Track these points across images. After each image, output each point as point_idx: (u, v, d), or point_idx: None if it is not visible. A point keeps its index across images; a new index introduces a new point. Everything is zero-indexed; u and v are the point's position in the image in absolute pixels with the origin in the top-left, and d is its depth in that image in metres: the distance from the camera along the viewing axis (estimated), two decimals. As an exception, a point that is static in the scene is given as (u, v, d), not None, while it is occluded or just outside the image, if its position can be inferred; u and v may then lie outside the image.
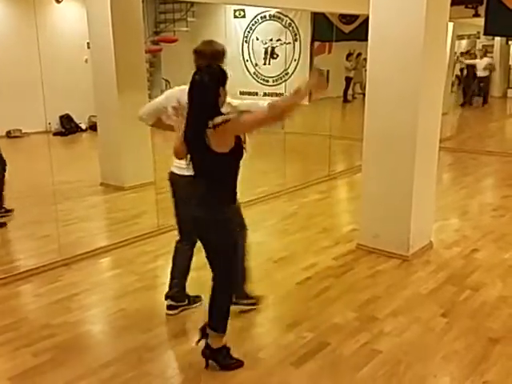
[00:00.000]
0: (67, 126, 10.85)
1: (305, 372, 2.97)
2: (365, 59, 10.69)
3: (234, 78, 3.06)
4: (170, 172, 3.40)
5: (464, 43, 16.77)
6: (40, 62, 5.03)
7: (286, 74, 11.31)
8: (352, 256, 4.60)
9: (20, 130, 10.12)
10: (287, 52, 10.92)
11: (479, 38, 16.34)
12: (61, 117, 10.76)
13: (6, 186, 5.59)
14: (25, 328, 3.45)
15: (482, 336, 3.31)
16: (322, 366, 3.01)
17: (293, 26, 11.17)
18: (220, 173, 2.76)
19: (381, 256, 4.54)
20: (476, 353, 3.13)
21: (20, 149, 9.59)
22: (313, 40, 11.63)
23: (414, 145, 4.27)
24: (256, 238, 4.97)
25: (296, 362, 3.05)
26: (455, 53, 14.10)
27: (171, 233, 5.13)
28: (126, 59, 6.41)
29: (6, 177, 5.45)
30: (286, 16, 11.02)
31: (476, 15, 9.49)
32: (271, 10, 10.87)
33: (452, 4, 4.50)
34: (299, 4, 7.69)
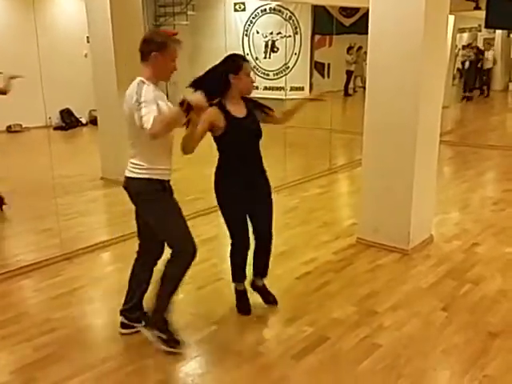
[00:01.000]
0: (67, 121, 10.84)
1: (305, 366, 2.98)
2: (365, 52, 10.65)
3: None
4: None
5: (465, 36, 16.70)
6: (39, 57, 5.03)
7: (287, 68, 11.29)
8: (352, 250, 4.60)
9: (20, 125, 10.11)
10: (287, 45, 10.91)
11: (480, 31, 16.28)
12: (61, 111, 10.75)
13: (7, 181, 5.59)
14: (25, 322, 3.46)
15: (482, 330, 3.32)
16: (322, 360, 3.02)
17: (293, 20, 11.14)
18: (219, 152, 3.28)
19: (381, 250, 4.54)
20: (476, 347, 3.14)
21: (20, 143, 9.60)
22: (313, 33, 11.61)
23: (415, 138, 4.27)
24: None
25: (296, 356, 3.06)
26: (456, 46, 14.05)
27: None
28: (126, 53, 6.38)
29: None
30: (287, 9, 11.00)
31: (477, 8, 9.44)
32: (271, 3, 10.85)
33: (453, -3, 4.49)
34: (299, -3, 7.67)
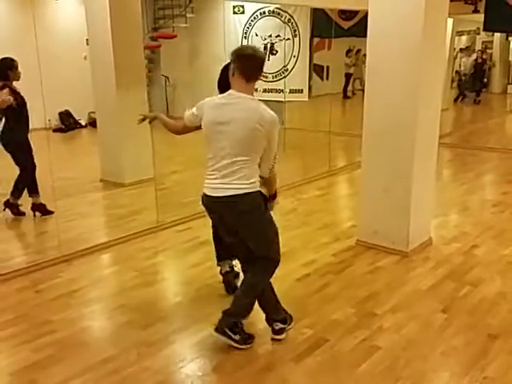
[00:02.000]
0: (67, 123, 10.83)
1: (304, 368, 2.98)
2: (364, 55, 10.65)
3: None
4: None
5: (464, 39, 16.72)
6: (39, 59, 5.02)
7: (286, 70, 11.29)
8: (351, 252, 4.60)
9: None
10: (286, 48, 10.90)
11: (479, 34, 16.29)
12: (60, 113, 10.73)
13: (6, 183, 5.59)
14: (25, 324, 3.45)
15: (482, 332, 3.32)
16: (321, 362, 3.02)
17: (292, 22, 11.14)
18: None
19: (380, 252, 4.54)
20: (475, 349, 3.14)
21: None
22: (312, 36, 11.61)
23: (414, 140, 4.27)
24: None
25: (295, 358, 3.06)
26: (454, 48, 14.07)
27: (171, 229, 5.15)
28: (125, 55, 6.40)
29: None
30: (286, 12, 10.99)
31: (475, 11, 9.46)
32: (270, 6, 10.85)
33: (451, 0, 4.49)
34: (298, 0, 7.68)
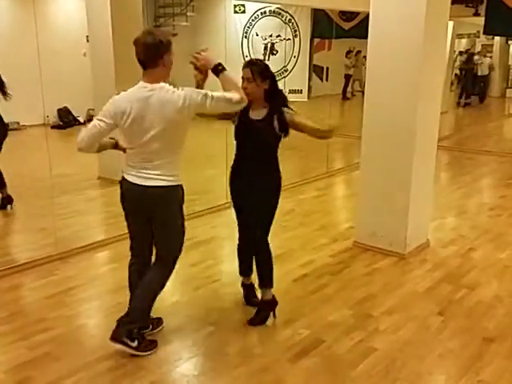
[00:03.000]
0: (65, 119, 10.80)
1: (300, 368, 2.97)
2: (364, 57, 10.67)
3: (233, 74, 3.16)
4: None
5: (464, 42, 16.76)
6: (39, 55, 5.01)
7: (286, 71, 11.30)
8: (349, 253, 4.60)
9: (18, 123, 10.07)
10: (287, 48, 10.92)
11: (479, 38, 16.34)
12: (59, 110, 10.71)
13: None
14: (20, 321, 3.44)
15: (478, 335, 3.32)
16: (318, 363, 3.02)
17: (293, 23, 11.15)
18: None
19: (377, 254, 4.54)
20: (471, 351, 3.14)
21: (18, 142, 9.53)
22: (312, 37, 11.62)
23: (413, 143, 4.27)
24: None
25: (292, 359, 3.05)
26: (454, 51, 14.09)
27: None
28: (125, 53, 6.34)
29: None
30: (286, 12, 11.01)
31: (476, 14, 9.48)
32: (271, 6, 10.85)
33: (452, 2, 4.51)
34: (299, 0, 7.68)
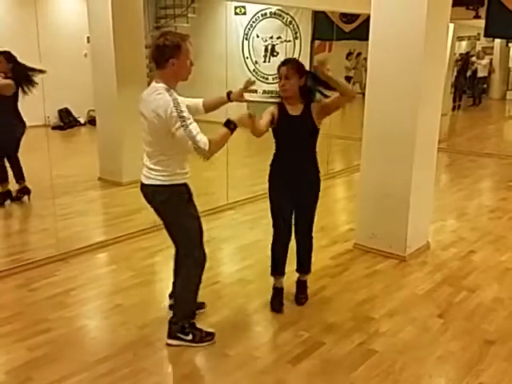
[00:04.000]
0: (66, 120, 10.81)
1: (300, 371, 2.97)
2: (365, 59, 10.68)
3: (234, 75, 3.18)
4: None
5: (464, 44, 16.76)
6: (40, 56, 5.01)
7: (286, 72, 11.30)
8: (349, 256, 4.60)
9: (18, 123, 10.07)
10: (287, 50, 10.91)
11: (479, 40, 16.34)
12: (59, 111, 10.71)
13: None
14: (21, 322, 3.44)
15: (478, 337, 3.32)
16: (318, 365, 3.02)
17: (293, 24, 11.15)
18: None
19: (378, 256, 4.54)
20: (471, 354, 3.14)
21: (18, 142, 9.55)
22: (313, 38, 11.61)
23: (413, 145, 4.28)
24: (253, 237, 4.98)
25: (292, 361, 3.05)
26: (455, 54, 14.09)
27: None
28: (126, 54, 6.39)
29: None
30: (287, 14, 11.00)
31: (477, 17, 9.47)
32: (272, 8, 10.86)
33: (453, 5, 4.50)
34: (300, 2, 7.68)
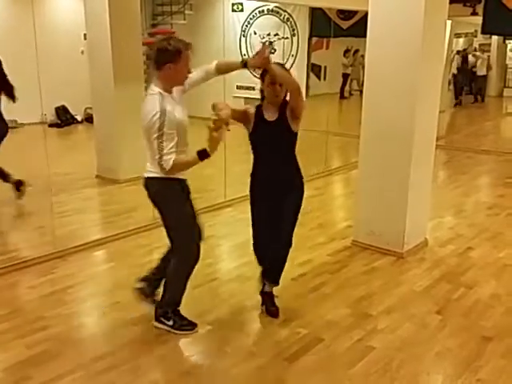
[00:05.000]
0: (63, 118, 10.78)
1: (298, 368, 2.98)
2: (362, 56, 10.66)
3: (231, 73, 3.20)
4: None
5: (461, 41, 16.76)
6: (36, 53, 5.00)
7: (284, 69, 11.29)
8: (347, 252, 4.61)
9: (16, 121, 10.05)
10: (285, 47, 10.90)
11: (476, 37, 16.34)
12: (56, 108, 10.68)
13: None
14: (18, 320, 3.44)
15: (476, 334, 3.33)
16: (316, 362, 3.02)
17: (291, 21, 11.14)
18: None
19: (376, 253, 4.55)
20: (469, 350, 3.15)
21: (15, 140, 9.49)
22: (310, 35, 11.60)
23: (411, 142, 4.28)
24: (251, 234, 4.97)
25: (290, 358, 3.05)
26: (452, 51, 14.10)
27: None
28: (123, 51, 6.37)
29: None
30: (284, 11, 10.99)
31: (474, 13, 9.48)
32: (269, 5, 10.83)
33: (450, 2, 4.50)
34: (298, -1, 7.68)
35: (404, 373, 2.94)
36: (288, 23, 11.17)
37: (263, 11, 11.19)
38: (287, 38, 11.28)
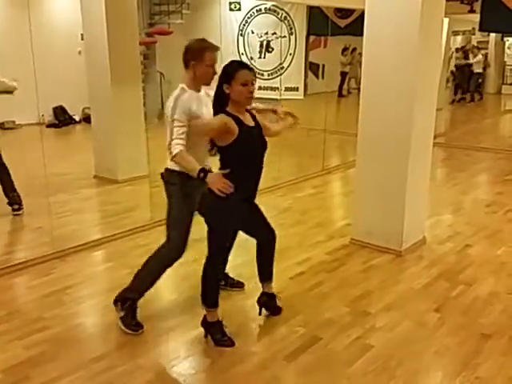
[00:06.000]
0: (61, 118, 10.78)
1: (297, 366, 2.97)
2: (360, 54, 10.65)
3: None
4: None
5: (459, 39, 16.76)
6: (33, 53, 4.99)
7: (282, 68, 11.27)
8: (345, 251, 4.60)
9: (13, 122, 10.05)
10: (282, 46, 10.89)
11: (474, 35, 16.33)
12: (54, 108, 10.68)
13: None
14: (17, 321, 3.43)
15: (474, 331, 3.33)
16: (314, 361, 3.02)
17: (288, 20, 11.13)
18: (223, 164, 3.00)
19: (374, 251, 4.54)
20: (468, 348, 3.15)
21: (13, 140, 9.51)
22: (308, 34, 11.60)
23: (409, 140, 4.27)
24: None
25: (288, 357, 3.05)
26: (450, 48, 14.09)
27: (164, 226, 5.12)
28: (120, 51, 6.37)
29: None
30: (282, 9, 10.98)
31: (471, 11, 9.48)
32: (267, 3, 10.83)
33: (447, -1, 4.50)
34: (295, -3, 7.67)
35: (402, 371, 2.94)
36: (285, 22, 11.17)
37: (261, 10, 11.18)
38: (285, 37, 11.27)
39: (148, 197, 5.43)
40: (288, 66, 11.39)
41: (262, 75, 11.25)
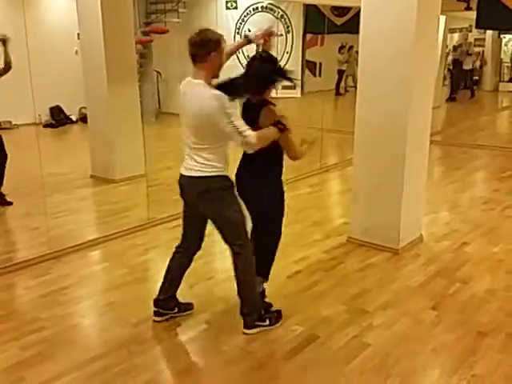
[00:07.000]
0: (57, 118, 10.74)
1: (294, 365, 2.98)
2: (357, 52, 10.67)
3: (226, 70, 3.19)
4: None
5: (456, 36, 16.76)
6: (29, 53, 4.97)
7: (278, 67, 11.29)
8: (342, 249, 4.60)
9: (10, 122, 10.01)
10: (279, 44, 10.90)
11: (471, 32, 16.35)
12: (51, 108, 10.64)
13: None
14: (13, 321, 3.43)
15: (471, 329, 3.33)
16: (312, 359, 3.02)
17: (285, 18, 11.15)
18: None
19: (371, 249, 4.54)
20: (465, 346, 3.15)
21: (10, 140, 9.42)
22: (305, 32, 11.62)
23: (405, 138, 4.27)
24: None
25: (286, 355, 3.05)
26: (447, 46, 14.09)
27: (162, 226, 5.13)
28: (116, 50, 6.35)
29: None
30: (279, 8, 11.00)
31: (468, 8, 9.49)
32: (263, 2, 10.84)
33: (444, -4, 4.50)
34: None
35: (400, 369, 2.94)
36: (282, 20, 11.18)
37: (257, 8, 11.19)
38: (282, 35, 11.29)
39: (145, 196, 5.41)
40: (285, 65, 11.40)
41: (259, 74, 11.28)
